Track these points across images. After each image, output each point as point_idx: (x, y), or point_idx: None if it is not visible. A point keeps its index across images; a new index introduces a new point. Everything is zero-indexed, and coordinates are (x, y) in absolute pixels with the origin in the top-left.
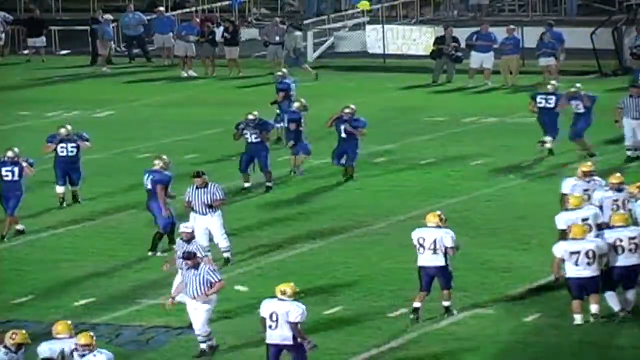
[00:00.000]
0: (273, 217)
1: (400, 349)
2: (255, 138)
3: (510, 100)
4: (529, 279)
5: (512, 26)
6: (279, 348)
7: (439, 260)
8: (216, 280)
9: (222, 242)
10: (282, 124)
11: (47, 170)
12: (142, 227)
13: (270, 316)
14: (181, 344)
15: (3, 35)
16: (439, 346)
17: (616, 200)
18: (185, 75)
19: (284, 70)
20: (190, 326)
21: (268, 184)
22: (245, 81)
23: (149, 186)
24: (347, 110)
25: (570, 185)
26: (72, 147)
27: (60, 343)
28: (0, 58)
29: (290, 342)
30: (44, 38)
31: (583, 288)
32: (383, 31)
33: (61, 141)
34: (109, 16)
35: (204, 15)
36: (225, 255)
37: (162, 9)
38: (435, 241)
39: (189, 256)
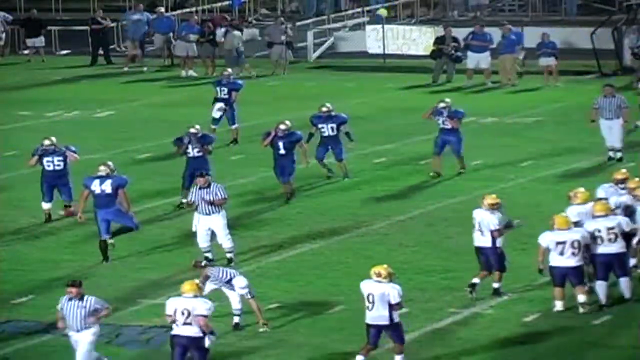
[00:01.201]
0: (273, 217)
1: None
2: (197, 152)
3: (510, 100)
4: (529, 279)
5: (508, 25)
6: (378, 328)
7: (486, 242)
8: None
9: (226, 242)
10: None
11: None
12: (143, 226)
13: (367, 297)
14: None
15: (3, 35)
16: (439, 346)
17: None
18: (185, 75)
19: (230, 70)
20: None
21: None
22: (246, 81)
23: (109, 191)
24: (282, 127)
25: (605, 191)
26: (59, 160)
27: (185, 301)
28: (0, 58)
29: (387, 322)
30: (42, 38)
31: (566, 277)
32: (383, 31)
33: (46, 154)
34: (136, 14)
35: (210, 17)
36: (229, 255)
37: (162, 9)
38: (480, 223)
39: (74, 284)
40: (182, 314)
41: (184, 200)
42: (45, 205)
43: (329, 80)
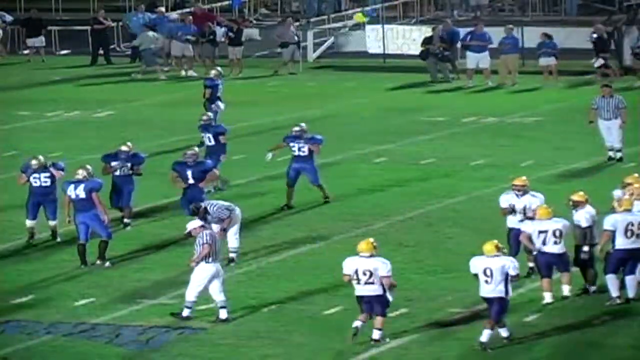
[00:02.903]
0: (273, 217)
1: (400, 349)
2: (125, 171)
3: (510, 100)
4: (529, 279)
5: (510, 25)
6: (492, 300)
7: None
8: None
9: (233, 242)
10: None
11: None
12: (143, 226)
13: (484, 272)
14: (181, 344)
15: (1, 31)
16: (439, 346)
17: None
18: (185, 75)
19: (219, 69)
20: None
21: (127, 220)
22: (245, 81)
23: (83, 196)
24: (189, 153)
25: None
26: (46, 177)
27: (365, 262)
28: (0, 58)
29: (503, 294)
30: (42, 38)
31: (551, 265)
32: (383, 31)
33: (34, 172)
34: (162, 9)
35: (199, 11)
36: (232, 255)
37: (162, 9)
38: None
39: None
40: (364, 274)
41: (126, 221)
42: (29, 223)
43: (329, 80)
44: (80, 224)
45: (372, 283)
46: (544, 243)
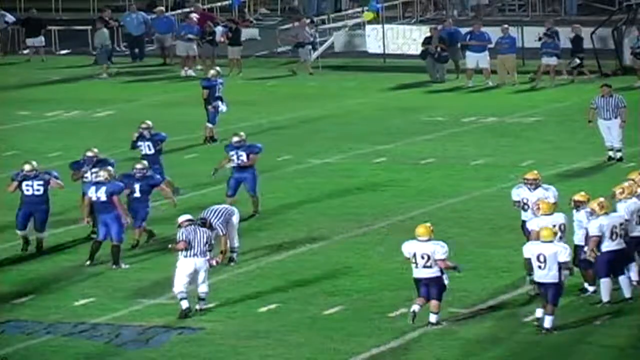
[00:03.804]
0: (273, 217)
1: (400, 349)
2: (96, 177)
3: (510, 100)
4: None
5: (506, 25)
6: (547, 286)
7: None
8: None
9: (233, 242)
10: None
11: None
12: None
13: (538, 257)
14: (181, 344)
15: None
16: (439, 346)
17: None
18: (185, 75)
19: (217, 69)
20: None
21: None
22: (245, 81)
23: (103, 198)
24: (139, 167)
25: None
26: (39, 184)
27: (423, 245)
28: (0, 58)
29: (556, 280)
30: (42, 38)
31: None
32: (383, 31)
33: (25, 178)
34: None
35: (199, 12)
36: (232, 255)
37: (162, 8)
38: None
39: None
40: (422, 257)
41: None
42: (21, 233)
43: (329, 80)
44: (101, 225)
45: (430, 266)
46: None
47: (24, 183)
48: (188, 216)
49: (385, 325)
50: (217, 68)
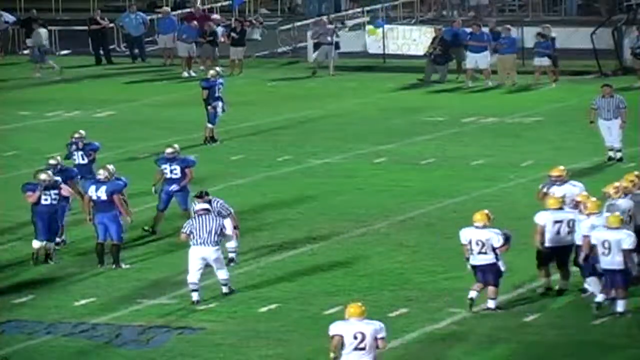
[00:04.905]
0: (273, 217)
1: (400, 349)
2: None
3: (510, 100)
4: (529, 279)
5: (507, 25)
6: (613, 272)
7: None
8: None
9: (232, 242)
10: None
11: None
12: (143, 225)
13: (603, 244)
14: (181, 344)
15: None
16: (439, 346)
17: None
18: (186, 75)
19: (218, 69)
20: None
21: (58, 247)
22: (245, 81)
23: (104, 197)
24: (102, 172)
25: None
26: (55, 193)
27: (478, 232)
28: (0, 58)
29: (622, 266)
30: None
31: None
32: (383, 31)
33: (46, 188)
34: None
35: (200, 13)
36: (231, 255)
37: (167, 9)
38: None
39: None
40: (477, 244)
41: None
42: (38, 244)
43: (329, 80)
44: (99, 224)
45: (485, 253)
46: (557, 233)
47: (43, 192)
48: (204, 205)
49: (385, 325)
50: (218, 68)
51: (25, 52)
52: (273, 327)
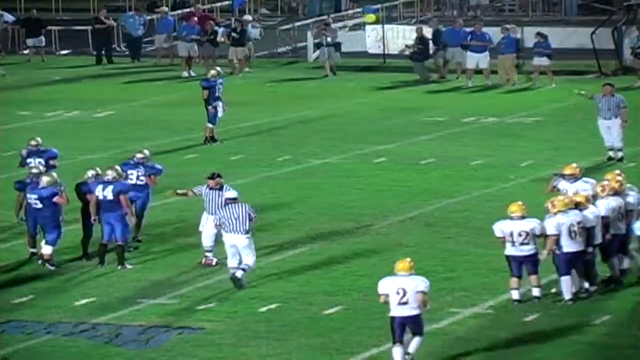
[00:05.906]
0: (273, 217)
1: None
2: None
3: (510, 100)
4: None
5: (507, 25)
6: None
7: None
8: None
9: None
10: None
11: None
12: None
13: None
14: (181, 344)
15: None
16: (439, 346)
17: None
18: (186, 75)
19: (218, 69)
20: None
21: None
22: (245, 81)
23: (110, 197)
24: (90, 173)
25: None
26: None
27: (512, 223)
28: (0, 58)
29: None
30: (42, 38)
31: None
32: (383, 31)
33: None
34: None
35: (199, 14)
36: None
37: (165, 9)
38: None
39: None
40: (520, 235)
41: (34, 250)
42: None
43: (329, 80)
44: (106, 224)
45: (528, 244)
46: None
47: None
48: (234, 193)
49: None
50: (218, 68)
51: (26, 51)
52: (273, 327)
